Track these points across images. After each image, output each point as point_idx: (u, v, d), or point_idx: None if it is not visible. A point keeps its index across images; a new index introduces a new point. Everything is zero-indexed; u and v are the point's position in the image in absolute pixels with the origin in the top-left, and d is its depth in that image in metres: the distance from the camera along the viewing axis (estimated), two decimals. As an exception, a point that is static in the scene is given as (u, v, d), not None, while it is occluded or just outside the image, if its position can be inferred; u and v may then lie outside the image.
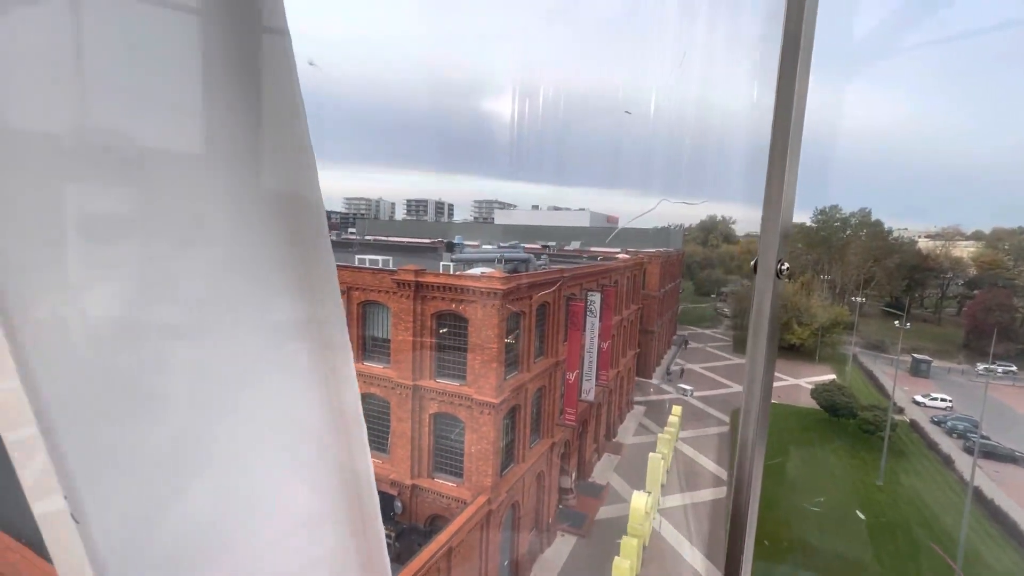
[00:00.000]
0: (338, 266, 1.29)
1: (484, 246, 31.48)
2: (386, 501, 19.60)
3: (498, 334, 18.16)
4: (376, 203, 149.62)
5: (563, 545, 23.43)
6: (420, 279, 18.96)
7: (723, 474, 30.71)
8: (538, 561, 22.33)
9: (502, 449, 19.78)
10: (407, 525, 19.90)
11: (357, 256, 26.36)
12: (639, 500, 22.94)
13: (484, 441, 18.76)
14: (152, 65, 0.98)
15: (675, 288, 57.94)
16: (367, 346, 20.92)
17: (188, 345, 1.05)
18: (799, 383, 42.92)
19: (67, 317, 0.89)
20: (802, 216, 57.99)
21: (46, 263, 0.87)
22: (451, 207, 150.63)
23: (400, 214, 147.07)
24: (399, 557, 16.98)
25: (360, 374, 19.49)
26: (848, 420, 34.08)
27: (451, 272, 21.42)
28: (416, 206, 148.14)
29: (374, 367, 20.39)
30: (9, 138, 0.83)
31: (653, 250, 46.39)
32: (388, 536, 15.71)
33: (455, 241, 23.90)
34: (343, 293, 12.12)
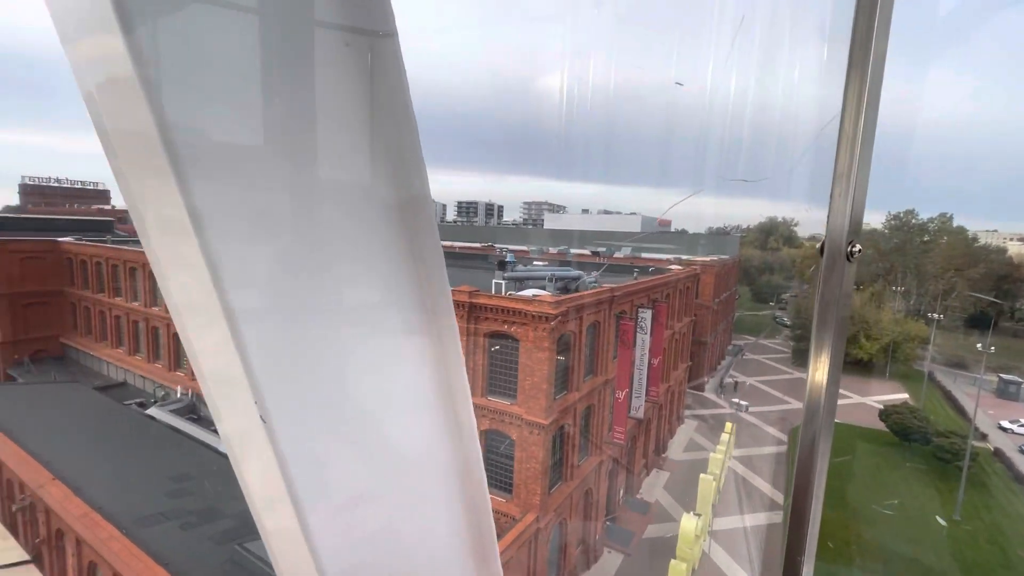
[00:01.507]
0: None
1: (535, 262, 31.70)
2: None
3: (548, 357, 18.45)
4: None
5: (609, 563, 23.45)
6: (474, 300, 19.55)
7: (779, 497, 29.56)
8: (584, 578, 22.50)
9: (550, 467, 20.09)
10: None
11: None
12: (689, 523, 22.58)
13: (533, 460, 19.13)
14: (276, 72, 1.07)
15: (731, 296, 55.96)
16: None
17: (342, 324, 1.27)
18: (865, 402, 40.45)
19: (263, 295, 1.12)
20: (872, 220, 54.32)
21: (257, 247, 1.08)
22: (500, 208, 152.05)
23: (451, 215, 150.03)
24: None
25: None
26: (922, 446, 31.81)
27: (503, 291, 21.89)
28: (466, 208, 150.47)
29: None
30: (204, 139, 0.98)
31: (707, 258, 45.01)
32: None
33: (507, 259, 24.37)
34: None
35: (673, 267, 38.29)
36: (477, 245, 55.99)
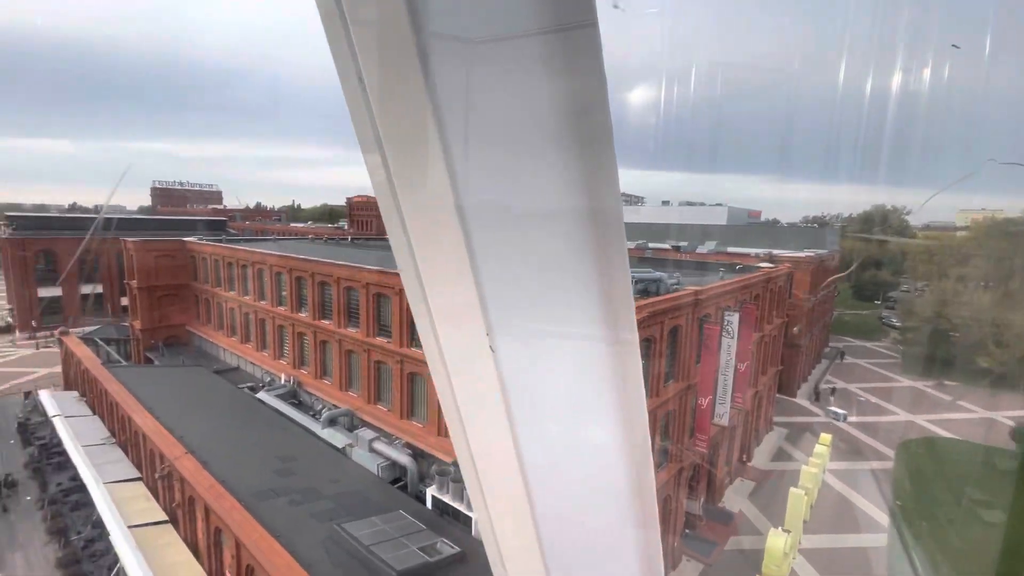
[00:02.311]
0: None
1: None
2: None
3: (628, 362, 18.14)
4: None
5: (687, 573, 22.82)
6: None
7: (882, 518, 27.02)
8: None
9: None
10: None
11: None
12: (777, 539, 21.39)
13: (611, 464, 19.01)
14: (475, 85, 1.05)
15: (829, 294, 51.42)
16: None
17: (542, 332, 1.36)
18: (994, 417, 35.66)
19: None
20: (1007, 208, 47.25)
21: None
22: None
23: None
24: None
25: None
26: (1065, 473, 27.48)
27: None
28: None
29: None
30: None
31: (803, 255, 41.63)
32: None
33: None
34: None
35: (763, 264, 35.91)
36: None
